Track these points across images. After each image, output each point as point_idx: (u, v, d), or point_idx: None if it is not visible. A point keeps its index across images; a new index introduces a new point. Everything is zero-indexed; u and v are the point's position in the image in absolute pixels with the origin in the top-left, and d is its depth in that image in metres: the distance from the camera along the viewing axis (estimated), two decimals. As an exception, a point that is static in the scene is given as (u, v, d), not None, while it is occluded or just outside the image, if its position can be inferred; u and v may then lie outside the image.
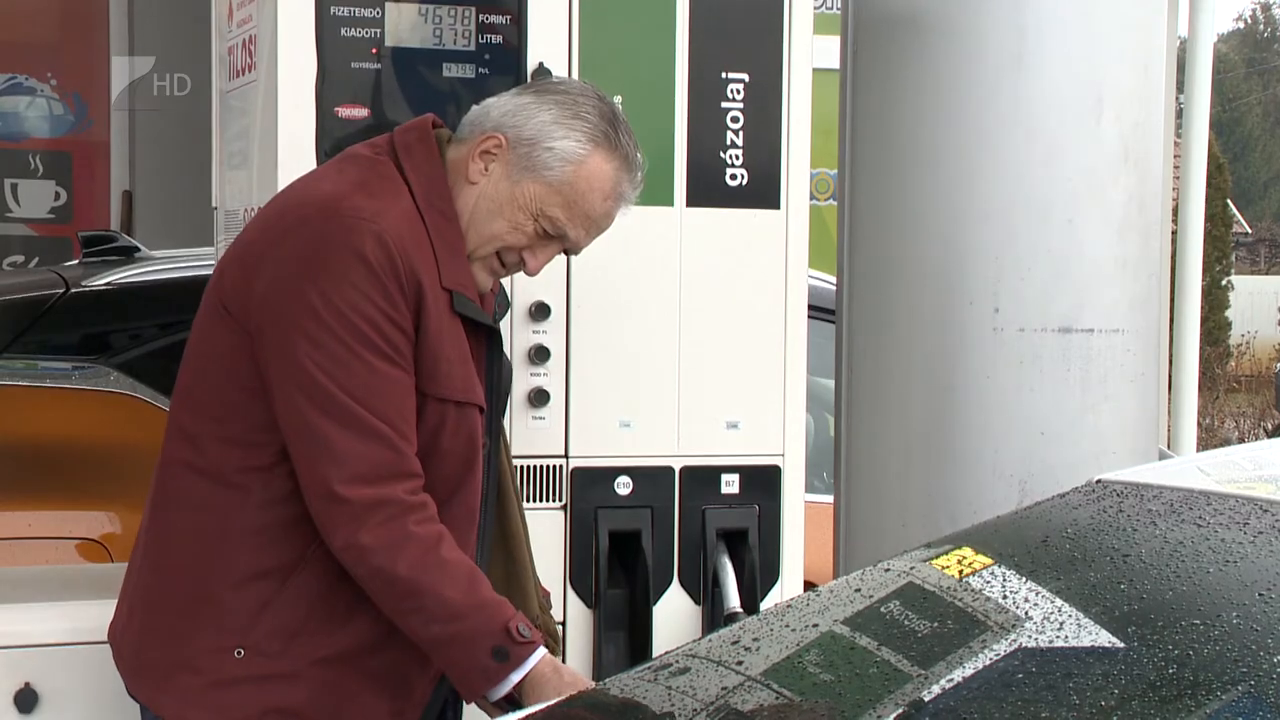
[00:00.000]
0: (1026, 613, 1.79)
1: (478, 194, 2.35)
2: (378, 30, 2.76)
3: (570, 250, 2.42)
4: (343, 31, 2.74)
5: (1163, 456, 3.61)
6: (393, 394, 2.25)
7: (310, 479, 2.25)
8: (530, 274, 2.42)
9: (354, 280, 2.22)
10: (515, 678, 2.22)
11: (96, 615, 2.77)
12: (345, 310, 2.22)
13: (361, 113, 2.76)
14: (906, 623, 1.88)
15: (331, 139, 2.73)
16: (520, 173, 2.34)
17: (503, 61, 2.80)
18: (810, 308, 2.98)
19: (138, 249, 4.52)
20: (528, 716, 1.98)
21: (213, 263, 3.18)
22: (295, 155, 2.73)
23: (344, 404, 2.22)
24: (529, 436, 2.81)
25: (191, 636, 2.33)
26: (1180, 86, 6.59)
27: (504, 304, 2.62)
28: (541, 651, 2.25)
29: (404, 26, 2.77)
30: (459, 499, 2.36)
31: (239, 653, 2.31)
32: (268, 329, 2.26)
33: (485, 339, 2.40)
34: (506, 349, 2.70)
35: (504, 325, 2.73)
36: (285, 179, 2.72)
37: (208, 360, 2.35)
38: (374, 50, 2.76)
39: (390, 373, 2.24)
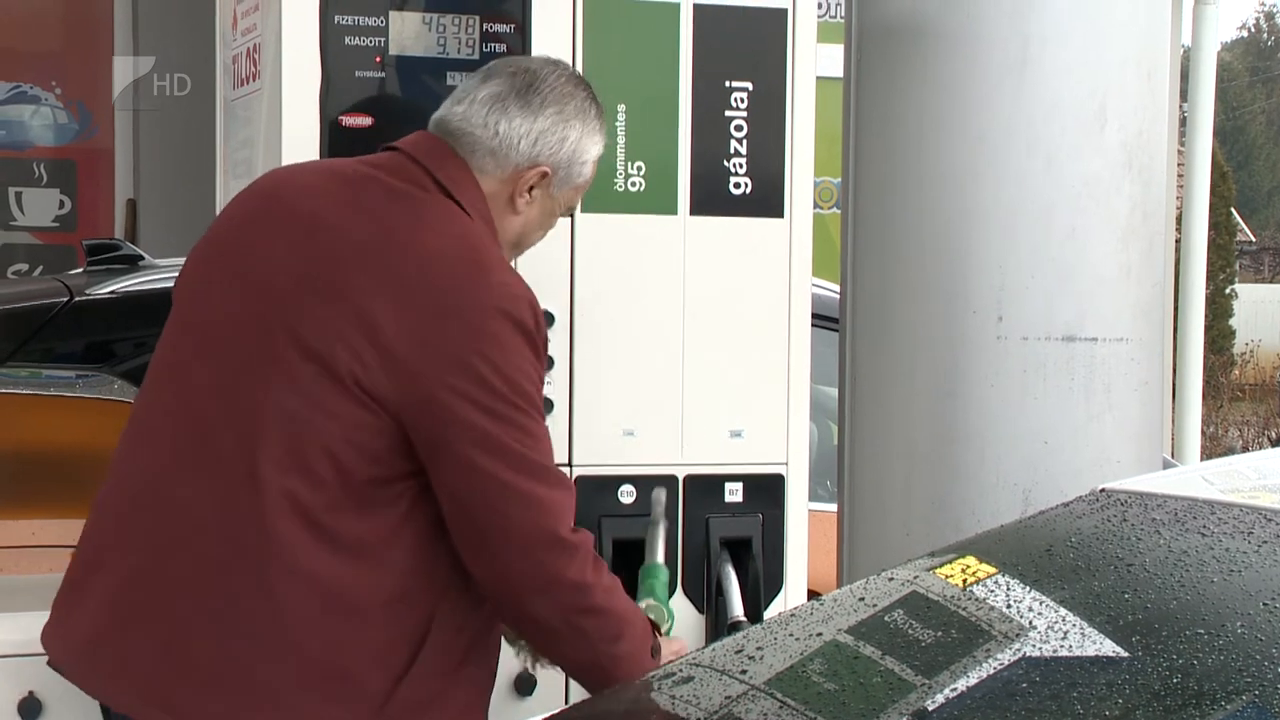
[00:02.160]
0: (1030, 622, 1.79)
1: (523, 221, 2.46)
2: (381, 39, 2.76)
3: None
4: (347, 40, 2.74)
5: (1167, 465, 3.61)
6: (550, 447, 2.35)
7: (525, 535, 2.27)
8: None
9: (519, 349, 2.28)
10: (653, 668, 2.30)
11: (100, 624, 2.77)
12: (518, 378, 2.27)
13: (365, 121, 2.76)
14: (910, 632, 1.88)
15: (336, 148, 2.74)
16: (559, 187, 2.46)
17: (506, 70, 2.80)
18: (814, 316, 2.98)
19: (142, 257, 4.52)
20: (532, 725, 1.98)
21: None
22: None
23: (536, 463, 2.29)
24: (532, 445, 2.80)
25: (318, 714, 2.27)
26: (1184, 95, 6.60)
27: None
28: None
29: (408, 35, 2.77)
30: None
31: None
32: (438, 404, 2.23)
33: None
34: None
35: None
36: (289, 187, 2.72)
37: (324, 425, 2.24)
38: (378, 59, 2.76)
39: (545, 428, 2.34)
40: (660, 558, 2.76)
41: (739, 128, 2.89)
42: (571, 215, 2.59)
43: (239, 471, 2.26)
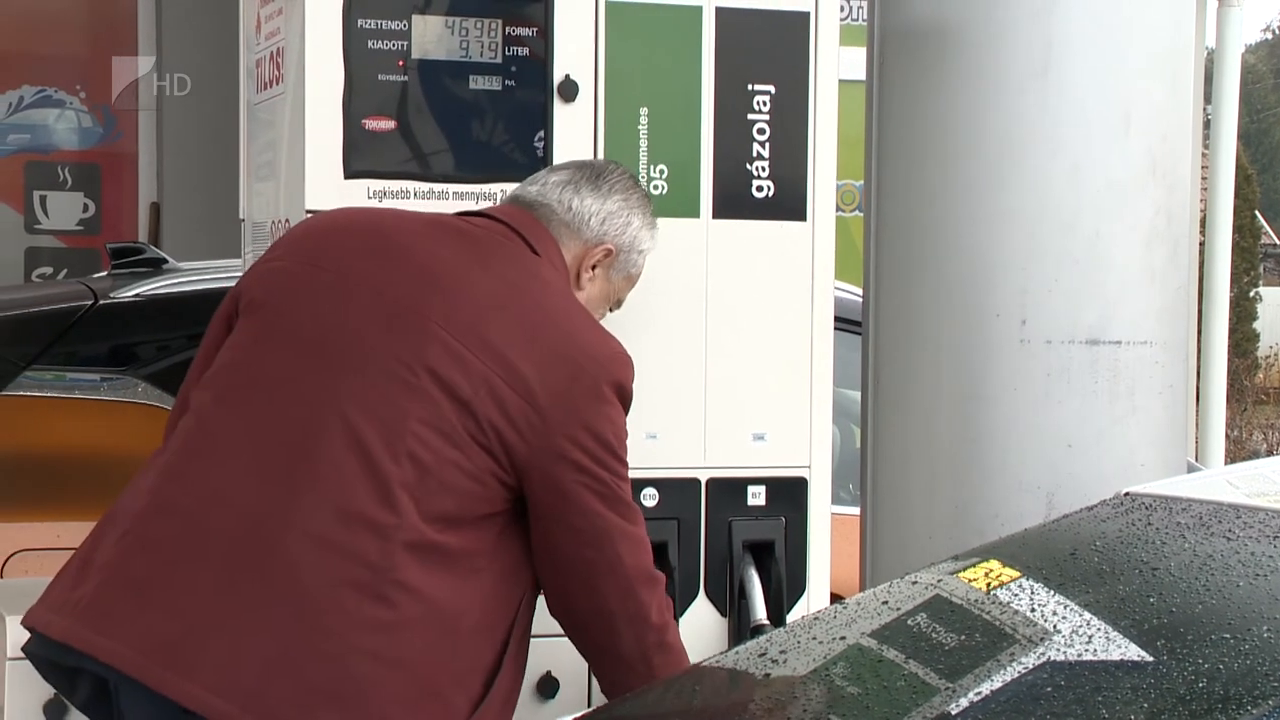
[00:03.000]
0: (1055, 626, 1.78)
1: (585, 298, 2.58)
2: (404, 42, 2.76)
3: None
4: (369, 44, 2.75)
5: (1190, 469, 3.60)
6: None
7: (630, 571, 2.44)
8: None
9: (620, 411, 2.47)
10: None
11: (124, 626, 2.77)
12: (622, 436, 2.46)
13: (388, 125, 2.76)
14: (934, 635, 1.87)
15: (358, 150, 2.74)
16: (615, 274, 2.62)
17: (529, 74, 2.81)
18: (836, 319, 2.98)
19: (165, 260, 4.54)
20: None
21: (238, 274, 3.20)
22: (322, 167, 2.74)
23: (635, 508, 2.48)
24: (555, 448, 2.80)
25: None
26: (1207, 97, 6.58)
27: None
28: None
29: (430, 39, 2.78)
30: None
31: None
32: (565, 458, 2.39)
33: None
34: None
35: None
36: (312, 191, 2.73)
37: (454, 460, 2.33)
38: (400, 62, 2.76)
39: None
40: None
41: (761, 131, 2.89)
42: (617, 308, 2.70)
43: (370, 493, 2.30)
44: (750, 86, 2.88)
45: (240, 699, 2.26)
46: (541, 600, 2.50)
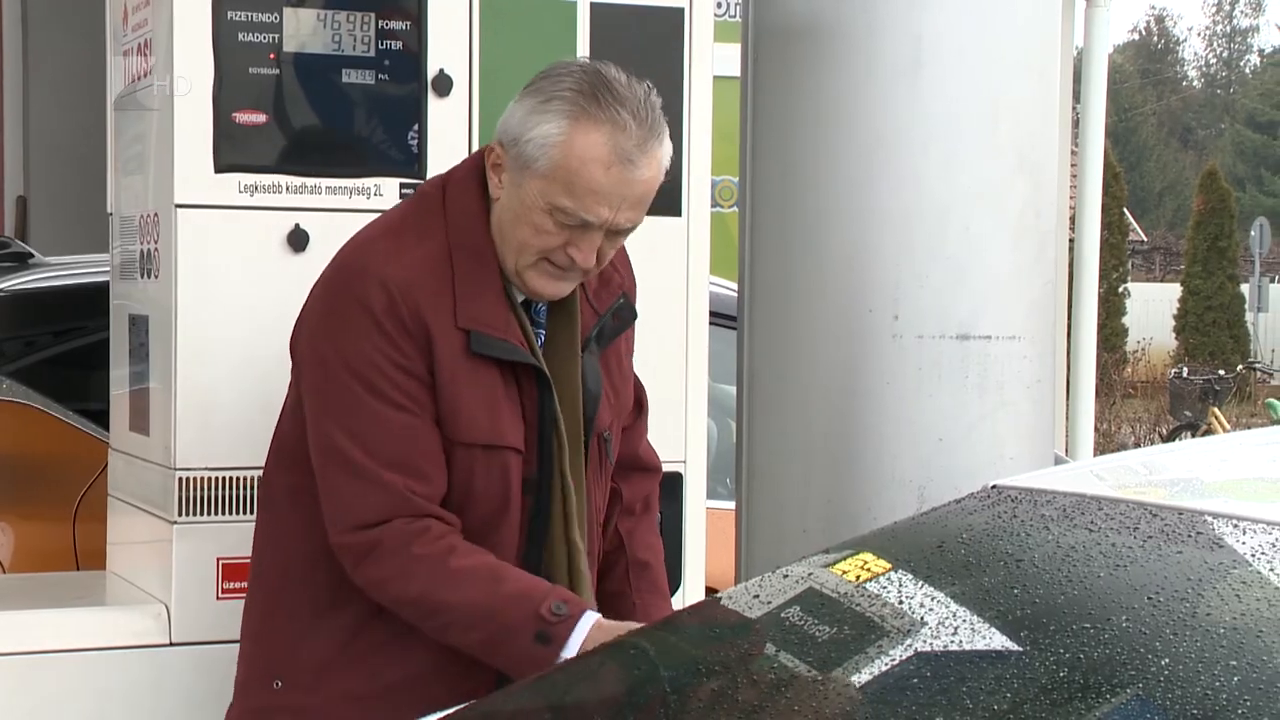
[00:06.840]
0: (922, 618, 1.80)
1: (500, 208, 2.35)
2: (276, 35, 2.73)
3: (615, 231, 2.36)
4: (240, 36, 2.71)
5: (1059, 462, 3.66)
6: (402, 439, 2.27)
7: (326, 524, 2.32)
8: (585, 268, 2.36)
9: (358, 329, 2.26)
10: (569, 653, 2.20)
11: (-13, 628, 2.73)
12: (350, 359, 2.26)
13: (260, 118, 2.73)
14: (805, 628, 1.89)
15: (229, 144, 2.71)
16: (519, 174, 2.31)
17: (403, 67, 2.79)
18: (712, 314, 2.99)
19: (32, 255, 4.44)
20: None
21: (106, 269, 3.15)
22: (191, 161, 2.70)
23: (346, 451, 2.27)
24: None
25: (250, 662, 2.43)
26: (1076, 96, 6.70)
27: (627, 314, 2.55)
28: (587, 620, 2.24)
29: (303, 32, 2.75)
30: (492, 544, 2.34)
31: (278, 683, 2.37)
32: (300, 381, 2.36)
33: (532, 374, 2.36)
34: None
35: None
36: (181, 185, 2.69)
37: (288, 404, 2.43)
38: (272, 55, 2.73)
39: (398, 418, 2.27)
40: None
41: (636, 126, 2.88)
42: (619, 234, 2.38)
43: None
44: (625, 82, 2.87)
45: None
46: None
